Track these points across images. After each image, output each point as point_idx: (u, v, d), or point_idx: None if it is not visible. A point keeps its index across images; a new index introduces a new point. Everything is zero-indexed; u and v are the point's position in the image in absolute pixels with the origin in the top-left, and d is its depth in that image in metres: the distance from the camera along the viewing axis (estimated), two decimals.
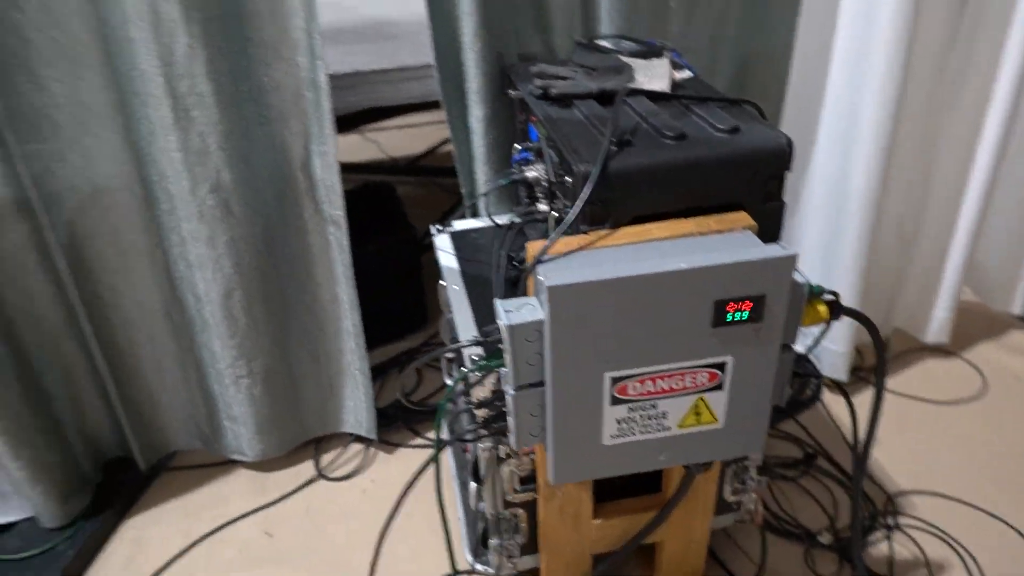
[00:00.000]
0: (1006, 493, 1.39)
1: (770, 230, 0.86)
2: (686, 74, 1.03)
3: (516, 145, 1.16)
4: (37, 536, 1.41)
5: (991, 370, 1.68)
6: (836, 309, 0.86)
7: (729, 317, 0.78)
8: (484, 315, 1.11)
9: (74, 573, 1.36)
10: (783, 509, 1.38)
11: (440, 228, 1.32)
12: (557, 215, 0.96)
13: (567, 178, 0.87)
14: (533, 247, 0.83)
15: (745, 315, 0.78)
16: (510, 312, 0.78)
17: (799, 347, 0.89)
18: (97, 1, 1.09)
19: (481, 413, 0.95)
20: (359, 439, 1.61)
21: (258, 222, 1.31)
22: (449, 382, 1.36)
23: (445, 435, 1.22)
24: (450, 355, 1.40)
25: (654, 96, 0.97)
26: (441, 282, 1.29)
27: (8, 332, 1.30)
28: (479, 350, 0.93)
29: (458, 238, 1.30)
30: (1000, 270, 1.77)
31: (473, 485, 1.12)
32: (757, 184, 0.84)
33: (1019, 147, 1.59)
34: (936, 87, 1.42)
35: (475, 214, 1.39)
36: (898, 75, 1.30)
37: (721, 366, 0.81)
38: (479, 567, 1.18)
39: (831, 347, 1.59)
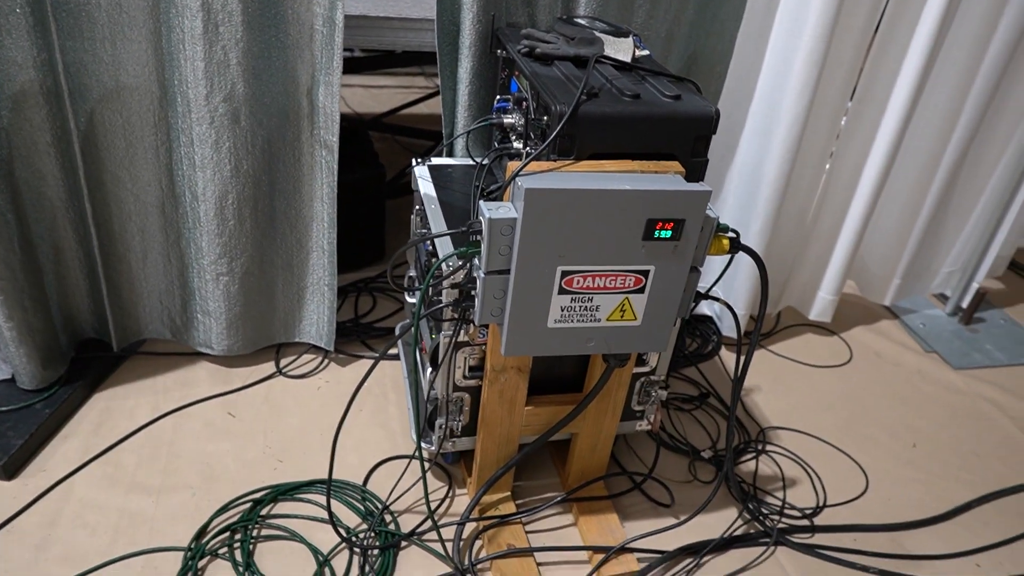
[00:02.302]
0: (849, 434, 1.72)
1: (694, 178, 1.11)
2: (645, 52, 1.28)
3: (498, 96, 1.38)
4: (15, 396, 1.54)
5: (858, 347, 2.01)
6: (736, 244, 1.12)
7: (656, 234, 1.02)
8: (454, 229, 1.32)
9: (48, 430, 1.51)
10: (677, 431, 1.66)
11: (420, 161, 1.53)
12: (530, 151, 1.19)
13: (544, 118, 1.10)
14: (512, 166, 1.05)
15: (668, 233, 1.02)
16: (491, 210, 1.01)
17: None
18: None
19: (452, 297, 1.17)
20: (316, 349, 1.80)
21: (260, 134, 1.48)
22: (411, 300, 1.58)
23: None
24: (413, 273, 1.61)
25: (618, 65, 1.21)
26: (416, 207, 1.50)
27: (15, 203, 1.44)
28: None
29: (434, 171, 1.51)
30: (878, 268, 2.11)
31: (429, 371, 1.34)
32: (688, 141, 1.10)
33: (900, 168, 1.91)
34: (842, 102, 1.72)
35: (451, 153, 1.60)
36: (812, 84, 1.58)
37: (646, 273, 1.06)
38: (423, 444, 1.40)
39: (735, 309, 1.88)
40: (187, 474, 1.45)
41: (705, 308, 2.01)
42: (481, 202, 1.02)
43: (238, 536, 1.33)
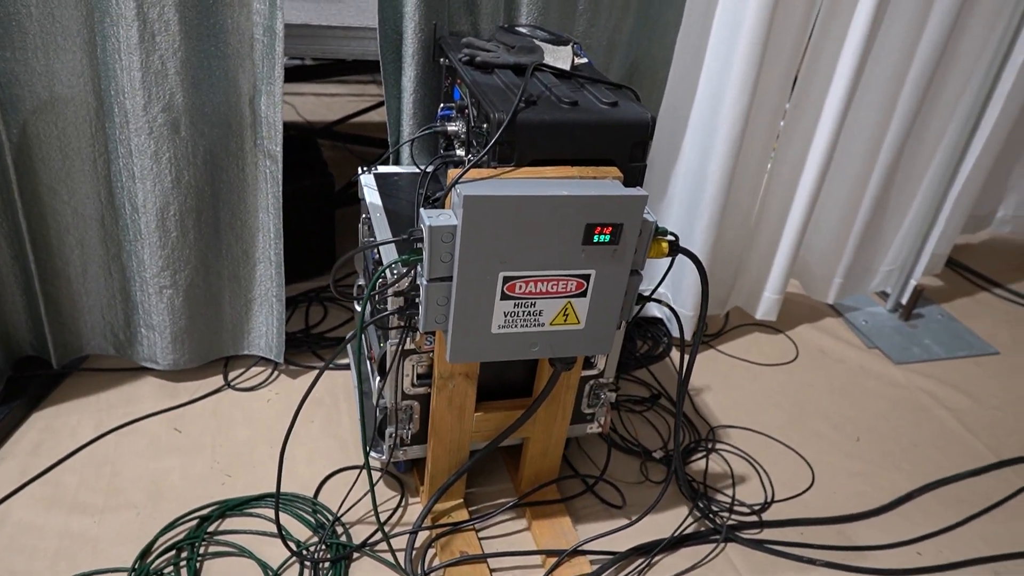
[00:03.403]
0: (796, 430, 1.76)
1: (633, 182, 1.13)
2: (584, 60, 1.30)
3: (441, 104, 1.39)
4: None
5: (804, 344, 2.06)
6: (675, 247, 1.14)
7: (596, 238, 1.04)
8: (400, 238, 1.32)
9: None
10: (629, 432, 1.68)
11: (365, 169, 1.52)
12: (472, 158, 1.20)
13: (484, 125, 1.11)
14: (453, 173, 1.06)
15: (607, 238, 1.04)
16: (432, 218, 1.01)
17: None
18: None
19: (397, 304, 1.17)
20: (265, 361, 1.77)
21: (202, 144, 1.46)
22: (359, 308, 1.57)
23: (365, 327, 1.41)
24: (361, 282, 1.60)
25: (557, 73, 1.23)
26: (364, 216, 1.50)
27: None
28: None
29: (380, 179, 1.50)
30: (820, 268, 2.16)
31: (377, 380, 1.34)
32: (625, 147, 1.12)
33: (838, 169, 1.97)
34: (780, 104, 1.77)
35: (397, 161, 1.60)
36: (751, 88, 1.62)
37: (587, 277, 1.08)
38: (373, 454, 1.39)
39: (681, 311, 1.91)
40: (131, 492, 1.41)
41: (655, 310, 2.04)
42: (422, 210, 1.02)
43: (184, 554, 1.31)
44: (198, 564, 1.29)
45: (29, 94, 1.35)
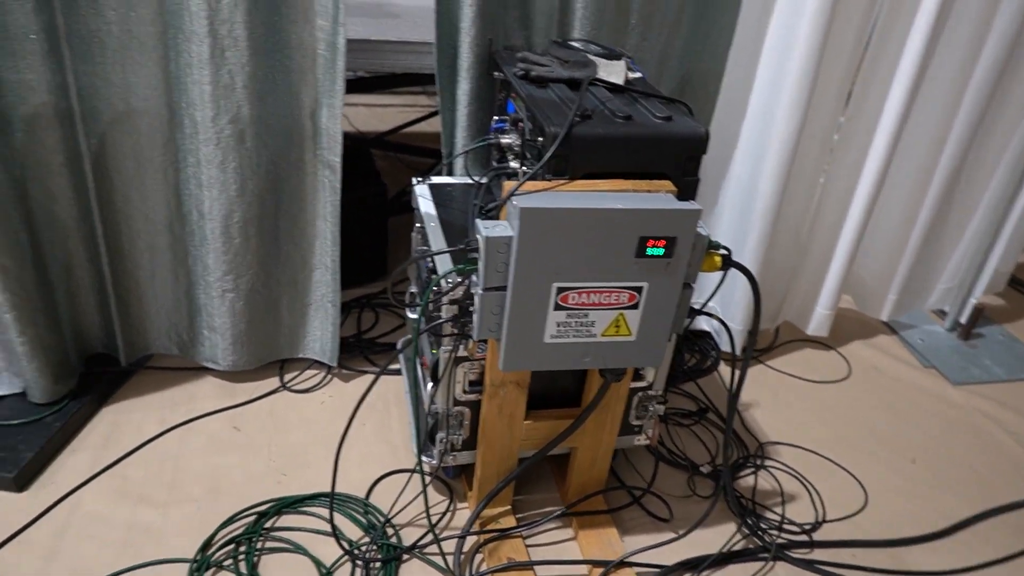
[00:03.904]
0: (848, 448, 1.73)
1: (686, 196, 1.13)
2: (637, 75, 1.31)
3: (495, 117, 1.42)
4: (25, 409, 1.57)
5: (856, 361, 2.03)
6: (727, 261, 1.14)
7: (649, 251, 1.05)
8: (453, 247, 1.35)
9: (58, 444, 1.54)
10: (676, 446, 1.68)
11: (420, 180, 1.56)
12: (526, 170, 1.22)
13: (539, 139, 1.13)
14: (508, 185, 1.08)
15: (660, 251, 1.05)
16: (488, 228, 1.04)
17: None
18: None
19: (451, 312, 1.20)
20: (319, 364, 1.83)
21: (265, 155, 1.52)
22: (412, 316, 1.60)
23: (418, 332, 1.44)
24: (414, 289, 1.64)
25: (611, 87, 1.24)
26: (417, 225, 1.53)
27: (28, 223, 1.48)
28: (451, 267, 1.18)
29: (434, 189, 1.54)
30: (874, 283, 2.12)
31: (430, 386, 1.37)
32: (679, 161, 1.13)
33: (894, 184, 1.94)
34: (833, 117, 1.75)
35: (451, 172, 1.64)
36: (805, 101, 1.61)
37: (639, 289, 1.09)
38: (424, 459, 1.42)
39: (731, 324, 1.90)
40: (193, 487, 1.47)
41: (704, 324, 2.03)
42: (478, 221, 1.05)
43: (242, 548, 1.36)
44: (255, 558, 1.34)
45: (107, 106, 1.43)
